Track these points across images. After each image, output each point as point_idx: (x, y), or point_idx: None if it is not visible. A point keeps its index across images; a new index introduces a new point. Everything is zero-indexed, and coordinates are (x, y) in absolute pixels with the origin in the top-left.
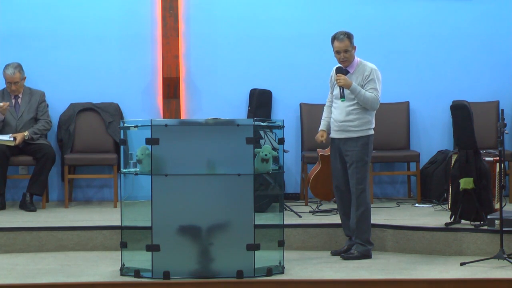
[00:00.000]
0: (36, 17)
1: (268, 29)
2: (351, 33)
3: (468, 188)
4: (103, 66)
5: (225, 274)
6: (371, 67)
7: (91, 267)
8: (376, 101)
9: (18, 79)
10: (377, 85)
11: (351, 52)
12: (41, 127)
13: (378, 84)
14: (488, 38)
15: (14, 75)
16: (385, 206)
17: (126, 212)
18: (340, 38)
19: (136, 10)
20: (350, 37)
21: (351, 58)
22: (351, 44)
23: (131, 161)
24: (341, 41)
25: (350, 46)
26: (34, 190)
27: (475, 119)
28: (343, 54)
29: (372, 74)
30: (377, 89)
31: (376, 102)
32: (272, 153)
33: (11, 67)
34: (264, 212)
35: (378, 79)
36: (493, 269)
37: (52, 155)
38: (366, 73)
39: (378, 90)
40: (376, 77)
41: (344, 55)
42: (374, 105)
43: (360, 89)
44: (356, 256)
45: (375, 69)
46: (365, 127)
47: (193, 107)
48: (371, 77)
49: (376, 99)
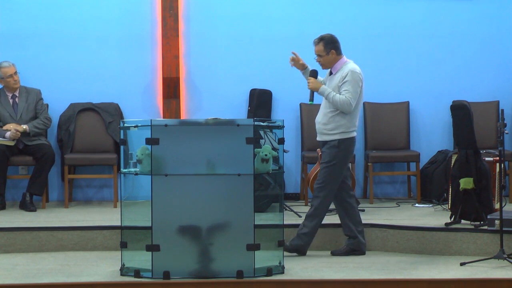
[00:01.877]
0: (36, 17)
1: (268, 29)
2: (328, 37)
3: (468, 188)
4: (103, 66)
5: (225, 274)
6: (349, 69)
7: (91, 267)
8: (345, 104)
9: (15, 69)
10: (351, 87)
11: (324, 57)
12: (40, 123)
13: (352, 86)
14: (488, 38)
15: (10, 67)
16: (385, 206)
17: (126, 212)
18: (314, 42)
19: (136, 10)
20: (325, 41)
21: (327, 63)
22: (324, 49)
23: (131, 161)
24: (315, 45)
25: (323, 51)
26: (33, 190)
27: (475, 119)
28: (317, 58)
29: (348, 76)
30: (350, 91)
31: (345, 105)
32: (272, 153)
33: (5, 62)
34: (264, 212)
35: (354, 81)
36: (493, 269)
37: (51, 155)
38: (343, 74)
39: (351, 92)
40: (352, 79)
41: (318, 59)
42: (344, 108)
43: (329, 92)
44: (288, 248)
45: (353, 71)
46: (338, 130)
47: (193, 107)
48: (347, 79)
49: (346, 101)
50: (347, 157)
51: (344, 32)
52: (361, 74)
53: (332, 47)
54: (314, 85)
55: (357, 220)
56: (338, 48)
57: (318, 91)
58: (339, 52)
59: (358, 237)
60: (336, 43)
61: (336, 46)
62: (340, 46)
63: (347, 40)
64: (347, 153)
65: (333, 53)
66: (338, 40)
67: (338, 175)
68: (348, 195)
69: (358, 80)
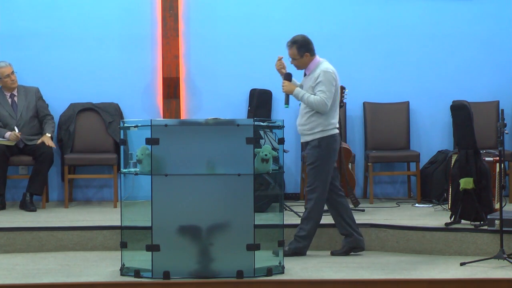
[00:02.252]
0: (36, 17)
1: (268, 29)
2: (301, 40)
3: (468, 188)
4: (103, 66)
5: (225, 274)
6: (321, 70)
7: (91, 267)
8: (320, 104)
9: (12, 69)
10: (325, 87)
11: (299, 60)
12: (52, 124)
13: (326, 86)
14: (488, 38)
15: (7, 66)
16: (385, 206)
17: (126, 212)
18: (287, 45)
19: (136, 10)
20: (298, 45)
21: (301, 65)
22: (298, 52)
23: (131, 161)
24: (288, 49)
25: (297, 54)
26: (33, 190)
27: (475, 119)
28: (291, 61)
29: (320, 76)
30: (324, 92)
31: (320, 105)
32: (272, 153)
33: (2, 62)
34: (264, 212)
35: (327, 81)
36: (493, 269)
37: (49, 154)
38: (316, 75)
39: (325, 92)
40: (325, 79)
41: (292, 62)
42: (319, 108)
43: (303, 93)
44: (287, 252)
45: (325, 71)
46: (317, 129)
47: (193, 107)
48: (319, 79)
49: (320, 101)
50: (330, 155)
51: (344, 32)
52: (334, 73)
53: (306, 49)
54: (288, 88)
55: (350, 218)
56: (312, 49)
57: (293, 93)
58: (312, 53)
59: (354, 234)
60: (310, 44)
61: (310, 48)
62: (313, 46)
63: (347, 40)
64: (330, 151)
65: (307, 55)
66: (311, 41)
67: (326, 174)
68: (337, 195)
69: (332, 79)
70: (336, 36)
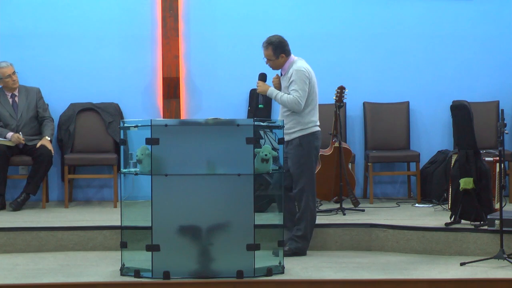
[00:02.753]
0: (36, 17)
1: (268, 29)
2: (277, 41)
3: (468, 188)
4: (103, 66)
5: (225, 274)
6: (294, 69)
7: (91, 267)
8: (294, 103)
9: (13, 69)
10: (298, 86)
11: (274, 61)
12: (52, 127)
13: (299, 84)
14: (488, 38)
15: (8, 67)
16: (385, 206)
17: (126, 212)
18: (263, 46)
19: (136, 10)
20: (273, 46)
21: (277, 65)
22: (274, 53)
23: (131, 161)
24: (264, 50)
25: (272, 55)
26: (28, 190)
27: (475, 119)
28: (267, 61)
29: (293, 75)
30: (297, 90)
31: (294, 103)
32: (272, 153)
33: (3, 62)
34: (264, 212)
35: (300, 80)
36: (493, 269)
37: (48, 155)
38: (289, 75)
39: (298, 91)
40: (298, 78)
41: (267, 62)
42: (293, 107)
43: (277, 93)
44: (288, 253)
45: (297, 70)
46: (296, 128)
47: (193, 107)
48: (293, 78)
49: (294, 100)
50: (312, 153)
51: (344, 32)
52: (307, 71)
53: (282, 50)
54: (262, 88)
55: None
56: (287, 50)
57: (267, 93)
58: (288, 54)
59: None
60: (285, 46)
61: (285, 49)
62: (289, 47)
63: (347, 40)
64: (311, 149)
65: (283, 56)
66: (287, 42)
67: (311, 172)
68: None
69: (304, 77)
70: (336, 36)
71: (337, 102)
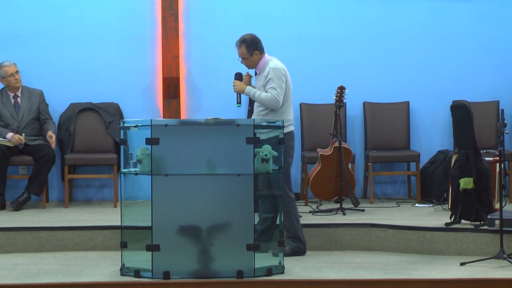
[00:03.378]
0: (36, 17)
1: (268, 29)
2: (250, 38)
3: (468, 188)
4: (103, 66)
5: (225, 274)
6: (270, 67)
7: (91, 267)
8: (272, 100)
9: (17, 68)
10: (275, 84)
11: (248, 59)
12: (54, 126)
13: (276, 82)
14: (488, 38)
15: (11, 65)
16: (385, 206)
17: (126, 212)
18: (236, 44)
19: (136, 11)
20: (247, 44)
21: (251, 64)
22: (247, 51)
23: (131, 161)
24: (238, 48)
25: (246, 53)
26: (32, 190)
27: (475, 119)
28: (241, 60)
29: (270, 74)
30: (275, 88)
31: (273, 101)
32: (272, 153)
33: (6, 61)
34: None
35: (277, 78)
36: (493, 269)
37: (51, 156)
38: (265, 73)
39: (275, 89)
40: (275, 76)
41: (242, 61)
42: (272, 105)
43: (255, 91)
44: (288, 252)
45: (274, 68)
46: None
47: (193, 107)
48: (269, 76)
49: (272, 98)
50: (289, 152)
51: (344, 32)
52: (283, 69)
53: (255, 48)
54: (239, 87)
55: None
56: (261, 48)
57: (244, 92)
58: (261, 51)
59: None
60: (258, 43)
61: (259, 46)
62: (262, 45)
63: (347, 40)
64: (287, 148)
65: (257, 53)
66: (260, 40)
67: (287, 171)
68: None
69: (281, 75)
70: (336, 36)
71: (337, 102)
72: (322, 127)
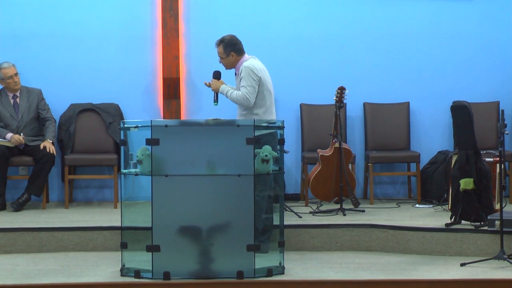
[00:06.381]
0: (36, 17)
1: (268, 29)
2: (228, 39)
3: (469, 188)
4: (103, 66)
5: (225, 275)
6: (243, 66)
7: (92, 268)
8: (243, 99)
9: (16, 70)
10: (246, 82)
11: (225, 59)
12: (54, 129)
13: (247, 81)
14: (488, 38)
15: (10, 67)
16: (385, 206)
17: (126, 212)
18: (215, 44)
19: (137, 11)
20: (224, 44)
21: (228, 64)
22: (224, 51)
23: (131, 162)
24: (216, 47)
25: (223, 53)
26: (32, 191)
27: (475, 119)
28: (219, 59)
29: (242, 72)
30: (245, 86)
31: (243, 100)
32: (272, 154)
33: (5, 63)
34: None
35: (248, 76)
36: (494, 270)
37: (51, 157)
38: (239, 71)
39: (246, 87)
40: (245, 74)
41: (220, 61)
42: (242, 103)
43: (228, 90)
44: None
45: (246, 67)
46: None
47: (193, 108)
48: (242, 75)
49: (242, 96)
50: None
51: (345, 32)
52: (256, 68)
53: (232, 49)
54: (215, 85)
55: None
56: (239, 49)
57: (219, 90)
58: (239, 53)
59: None
60: (236, 45)
61: (236, 48)
62: (241, 46)
63: (347, 40)
64: None
65: (233, 55)
66: (239, 41)
67: None
68: None
69: (251, 73)
70: (337, 36)
71: (337, 103)
72: (322, 128)
